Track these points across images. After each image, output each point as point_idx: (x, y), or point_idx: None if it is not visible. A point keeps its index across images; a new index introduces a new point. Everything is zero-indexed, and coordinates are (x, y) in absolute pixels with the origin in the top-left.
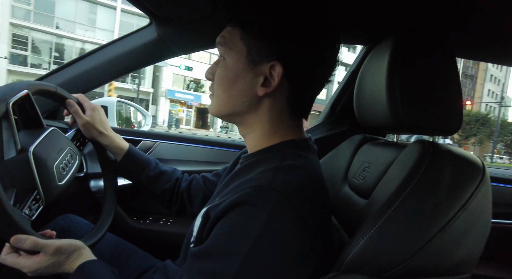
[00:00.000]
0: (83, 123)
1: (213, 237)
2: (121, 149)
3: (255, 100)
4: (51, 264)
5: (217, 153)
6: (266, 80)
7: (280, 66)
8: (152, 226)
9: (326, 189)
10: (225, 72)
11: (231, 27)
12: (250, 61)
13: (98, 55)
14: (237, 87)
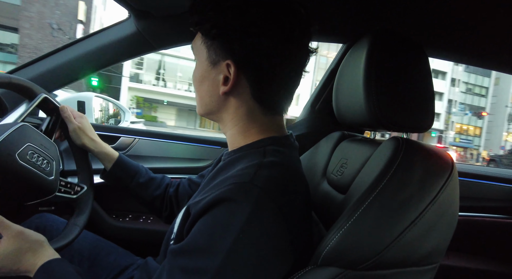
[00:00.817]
0: (73, 129)
1: (194, 233)
2: (111, 156)
3: (221, 99)
4: (11, 252)
5: (197, 149)
6: (227, 79)
7: (232, 64)
8: (132, 224)
9: (307, 185)
10: (195, 75)
11: (195, 31)
12: (210, 62)
13: (74, 49)
14: (204, 87)
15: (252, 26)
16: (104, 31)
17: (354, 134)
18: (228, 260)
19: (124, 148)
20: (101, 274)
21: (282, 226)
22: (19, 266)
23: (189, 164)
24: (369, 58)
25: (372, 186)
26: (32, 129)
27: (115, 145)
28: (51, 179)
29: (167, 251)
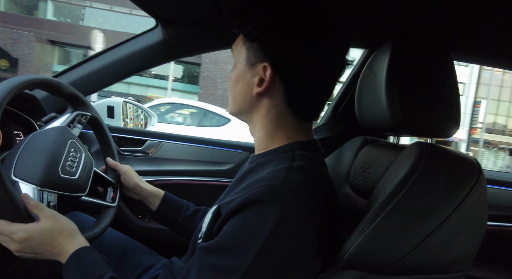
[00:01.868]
0: (124, 171)
1: (225, 233)
2: (158, 193)
3: (254, 100)
4: (46, 232)
5: (220, 153)
6: (262, 81)
7: (269, 67)
8: (157, 224)
9: (334, 189)
10: (232, 75)
11: (237, 33)
12: (248, 63)
13: (105, 56)
14: (238, 88)
15: (292, 32)
16: (134, 39)
17: (377, 139)
18: (257, 261)
19: (150, 151)
20: (127, 272)
21: (311, 229)
22: (52, 247)
23: (212, 167)
24: (391, 63)
25: (395, 191)
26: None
27: (141, 148)
28: (77, 177)
29: (197, 248)
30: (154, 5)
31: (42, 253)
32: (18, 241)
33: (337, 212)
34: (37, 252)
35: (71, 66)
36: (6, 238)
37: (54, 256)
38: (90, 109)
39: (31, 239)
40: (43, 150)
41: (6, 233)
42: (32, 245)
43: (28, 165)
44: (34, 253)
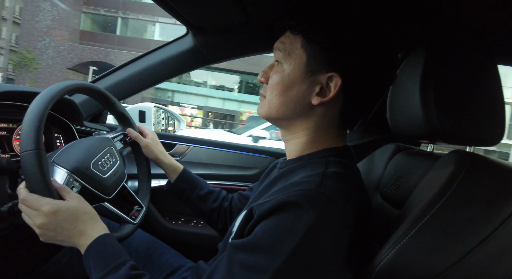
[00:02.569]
0: (145, 145)
1: (257, 233)
2: (177, 168)
3: (308, 108)
4: (72, 209)
5: (246, 158)
6: (322, 90)
7: (339, 77)
8: (184, 226)
9: (368, 197)
10: (281, 78)
11: (293, 34)
12: (309, 70)
13: (139, 63)
14: (291, 93)
15: (367, 45)
16: (165, 46)
17: (410, 147)
18: (288, 263)
19: (180, 154)
20: (154, 273)
21: (344, 236)
22: (75, 225)
23: (238, 172)
24: (426, 68)
25: (432, 202)
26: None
27: (171, 151)
28: (105, 177)
29: (228, 245)
30: (186, 14)
31: (63, 232)
32: (46, 214)
33: (370, 221)
34: (59, 230)
35: (107, 72)
36: (34, 212)
37: (75, 236)
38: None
39: (57, 213)
40: (83, 146)
41: (36, 205)
42: (58, 220)
43: (66, 155)
44: (56, 231)
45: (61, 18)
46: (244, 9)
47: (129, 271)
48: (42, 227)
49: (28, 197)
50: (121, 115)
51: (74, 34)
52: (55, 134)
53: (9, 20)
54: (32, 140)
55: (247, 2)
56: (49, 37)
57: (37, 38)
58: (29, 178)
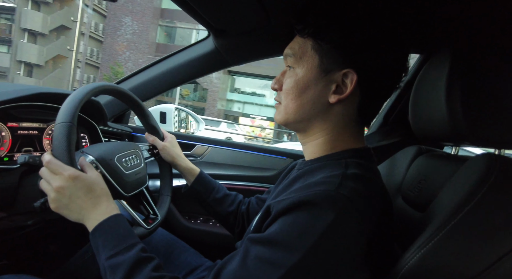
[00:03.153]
0: (161, 148)
1: (275, 229)
2: (193, 171)
3: (325, 107)
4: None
5: (264, 159)
6: (338, 88)
7: (354, 73)
8: (202, 226)
9: (390, 200)
10: (295, 82)
11: (302, 38)
12: (322, 70)
13: (162, 65)
14: (307, 95)
15: (378, 40)
16: (187, 49)
17: (433, 149)
18: (304, 261)
19: (199, 155)
20: (173, 271)
21: (362, 238)
22: (90, 197)
23: (255, 173)
24: (452, 69)
25: (459, 206)
26: (136, 146)
27: (191, 152)
28: (126, 173)
29: (246, 238)
30: (208, 16)
31: (77, 200)
32: (66, 178)
33: (392, 223)
34: (74, 198)
35: (131, 74)
36: (54, 176)
37: (87, 208)
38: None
39: (77, 180)
40: (111, 143)
41: (59, 168)
42: (75, 186)
43: (95, 147)
44: (70, 199)
45: (140, 31)
46: (265, 11)
47: (140, 253)
48: (59, 191)
49: (53, 160)
50: (153, 128)
51: (152, 47)
52: (81, 134)
53: (86, 34)
54: (68, 113)
55: (268, 4)
56: (129, 51)
57: (118, 52)
58: (56, 147)
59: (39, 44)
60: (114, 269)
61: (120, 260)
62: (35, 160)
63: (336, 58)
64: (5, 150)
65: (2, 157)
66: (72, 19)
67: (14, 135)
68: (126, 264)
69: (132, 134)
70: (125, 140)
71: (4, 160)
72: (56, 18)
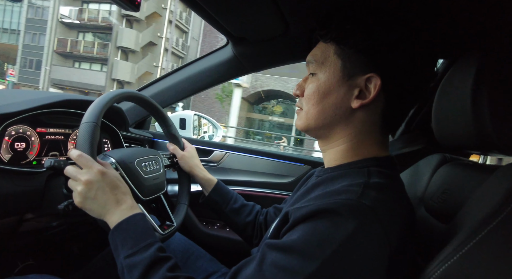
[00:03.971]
0: (180, 157)
1: (293, 236)
2: (210, 181)
3: (348, 113)
4: (113, 177)
5: (281, 165)
6: (361, 93)
7: (378, 78)
8: (219, 232)
9: (413, 210)
10: (317, 87)
11: (325, 43)
12: (345, 75)
13: (182, 72)
14: (329, 100)
15: (403, 43)
16: (206, 56)
17: (458, 157)
18: (322, 270)
19: (216, 161)
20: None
21: (384, 249)
22: (115, 193)
23: (273, 179)
24: (479, 74)
25: (487, 218)
26: (157, 153)
27: (208, 158)
28: (145, 177)
29: (262, 244)
30: (228, 24)
31: (103, 196)
32: (95, 172)
33: (414, 235)
34: (100, 193)
35: (152, 81)
36: (83, 170)
37: (111, 204)
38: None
39: (105, 175)
40: (133, 148)
41: (89, 163)
42: (103, 181)
43: (117, 151)
44: (96, 193)
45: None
46: (284, 19)
47: (157, 252)
48: (87, 184)
49: (84, 155)
50: (173, 137)
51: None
52: (103, 139)
53: (169, 50)
54: (93, 114)
55: (287, 12)
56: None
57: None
58: (80, 144)
59: (130, 61)
60: (131, 268)
61: (137, 260)
62: (60, 164)
63: (360, 63)
64: (34, 154)
65: (31, 160)
66: (158, 34)
67: (42, 140)
68: (142, 264)
69: (152, 140)
70: (145, 146)
71: (33, 164)
72: (146, 35)
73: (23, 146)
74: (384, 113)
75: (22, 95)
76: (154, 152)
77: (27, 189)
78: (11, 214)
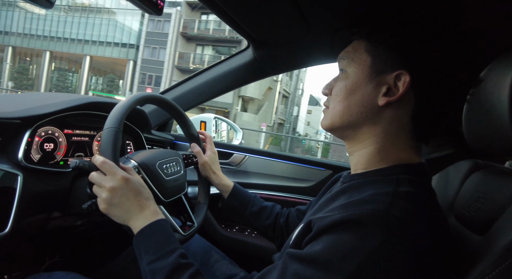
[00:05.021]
0: (202, 163)
1: (316, 247)
2: (227, 187)
3: (374, 111)
4: (137, 183)
5: (301, 169)
6: (389, 90)
7: (407, 75)
8: (238, 235)
9: (446, 222)
10: (345, 83)
11: (356, 40)
12: (374, 71)
13: (203, 76)
14: (356, 97)
15: (435, 41)
16: (227, 60)
17: (491, 164)
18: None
19: (236, 163)
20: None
21: (412, 263)
22: (138, 199)
23: (293, 183)
24: None
25: None
26: (178, 154)
27: (228, 160)
28: (166, 179)
29: (285, 252)
30: (249, 28)
31: (126, 202)
32: (119, 178)
33: (447, 248)
34: (124, 199)
35: (174, 85)
36: (108, 177)
37: (135, 210)
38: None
39: (128, 182)
40: (154, 150)
41: (113, 169)
42: (127, 187)
43: (139, 153)
44: (121, 199)
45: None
46: (306, 21)
47: (178, 259)
48: (111, 191)
49: (108, 161)
50: (193, 138)
51: None
52: (126, 141)
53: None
54: (115, 119)
55: (309, 14)
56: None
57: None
58: (103, 150)
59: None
60: (154, 274)
61: (159, 266)
62: (85, 164)
63: (389, 59)
64: (61, 155)
65: (58, 161)
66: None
67: (69, 141)
68: (165, 270)
69: (174, 142)
70: (167, 148)
71: (60, 164)
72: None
73: (51, 147)
74: (413, 114)
75: (49, 98)
76: (175, 153)
77: (55, 188)
78: (40, 212)
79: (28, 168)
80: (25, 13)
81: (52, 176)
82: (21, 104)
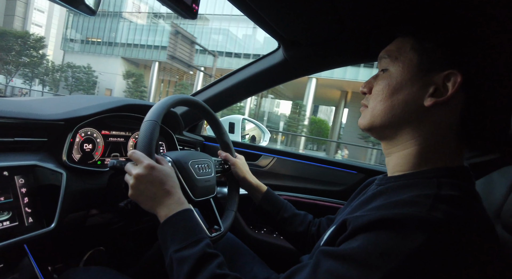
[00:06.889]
0: (234, 162)
1: (352, 245)
2: (261, 190)
3: (419, 111)
4: (164, 172)
5: (331, 172)
6: (437, 91)
7: (458, 75)
8: (266, 237)
9: (493, 230)
10: (388, 82)
11: (402, 38)
12: (421, 70)
13: (233, 78)
14: (399, 96)
15: (490, 39)
16: (258, 61)
17: None
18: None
19: (263, 165)
20: None
21: (451, 270)
22: (164, 187)
23: (323, 187)
24: None
25: None
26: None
27: (256, 162)
28: (197, 178)
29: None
30: (279, 27)
31: (152, 188)
32: (144, 166)
33: (494, 257)
34: (150, 186)
35: (205, 87)
36: (135, 166)
37: (161, 196)
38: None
39: (153, 169)
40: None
41: (140, 158)
42: (152, 175)
43: (174, 152)
44: (146, 186)
45: None
46: (340, 19)
47: (206, 248)
48: (137, 178)
49: (137, 151)
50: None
51: None
52: (159, 142)
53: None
54: (155, 113)
55: (344, 12)
56: None
57: None
58: (140, 140)
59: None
60: (181, 262)
61: (187, 254)
62: (121, 164)
63: (439, 58)
64: (98, 155)
65: (96, 160)
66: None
67: (106, 141)
68: (193, 258)
69: (204, 143)
70: (197, 148)
71: (98, 164)
72: None
73: (90, 147)
74: (462, 117)
75: (89, 100)
76: (207, 156)
77: (93, 187)
78: (80, 209)
79: (71, 167)
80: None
81: (90, 175)
82: (64, 106)
